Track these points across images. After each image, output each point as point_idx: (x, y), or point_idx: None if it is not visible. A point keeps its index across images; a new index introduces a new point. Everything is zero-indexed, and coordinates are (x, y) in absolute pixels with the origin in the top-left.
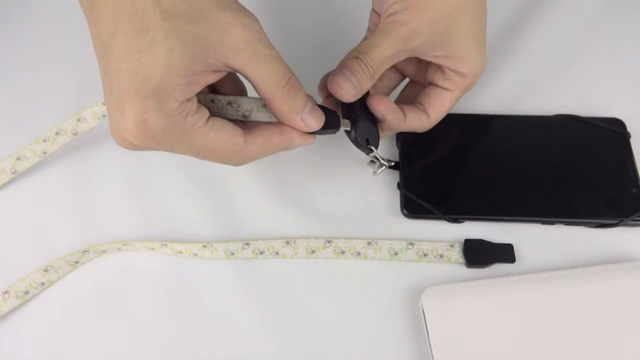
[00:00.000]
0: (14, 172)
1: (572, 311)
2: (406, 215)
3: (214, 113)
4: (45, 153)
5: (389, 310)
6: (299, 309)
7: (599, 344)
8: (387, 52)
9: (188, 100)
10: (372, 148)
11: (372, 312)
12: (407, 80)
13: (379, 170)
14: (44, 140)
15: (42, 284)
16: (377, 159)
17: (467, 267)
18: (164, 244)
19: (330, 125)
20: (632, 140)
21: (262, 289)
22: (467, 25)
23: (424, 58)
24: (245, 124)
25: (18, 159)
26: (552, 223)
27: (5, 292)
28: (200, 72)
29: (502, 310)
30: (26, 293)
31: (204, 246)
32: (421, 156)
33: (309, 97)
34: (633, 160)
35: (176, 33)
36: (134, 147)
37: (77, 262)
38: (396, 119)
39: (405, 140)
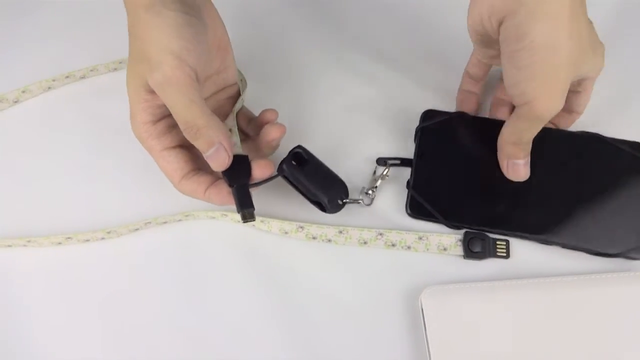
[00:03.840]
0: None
1: (568, 316)
2: (410, 215)
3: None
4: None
5: (387, 304)
6: (298, 301)
7: (593, 349)
8: (538, 129)
9: (152, 124)
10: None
11: (370, 305)
12: None
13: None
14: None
15: (102, 238)
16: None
17: (465, 258)
18: (224, 214)
19: (232, 179)
20: None
21: (265, 273)
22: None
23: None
24: (201, 168)
25: (91, 70)
26: (549, 244)
27: (68, 238)
28: (150, 98)
29: (500, 313)
30: (87, 240)
31: (262, 221)
32: (436, 157)
33: (212, 143)
34: None
35: (130, 71)
36: None
37: (137, 229)
38: None
39: (425, 138)
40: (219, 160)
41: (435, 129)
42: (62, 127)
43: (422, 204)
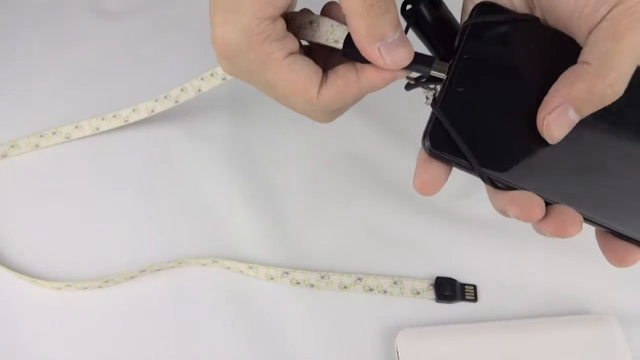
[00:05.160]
0: (172, 99)
1: (536, 358)
2: (429, 150)
3: (301, 36)
4: (200, 90)
5: (364, 346)
6: (283, 344)
7: None
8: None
9: (272, 21)
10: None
11: (349, 347)
12: None
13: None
14: (202, 79)
15: (100, 286)
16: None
17: (437, 302)
18: (215, 261)
19: (420, 62)
20: None
21: (252, 318)
22: None
23: None
24: (325, 71)
25: (182, 90)
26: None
27: (68, 285)
28: None
29: (471, 354)
30: (85, 288)
31: (250, 267)
32: (483, 71)
33: (399, 25)
34: None
35: None
36: (225, 67)
37: (132, 277)
38: None
39: (472, 40)
40: (404, 51)
41: (490, 31)
42: (64, 175)
43: (450, 135)
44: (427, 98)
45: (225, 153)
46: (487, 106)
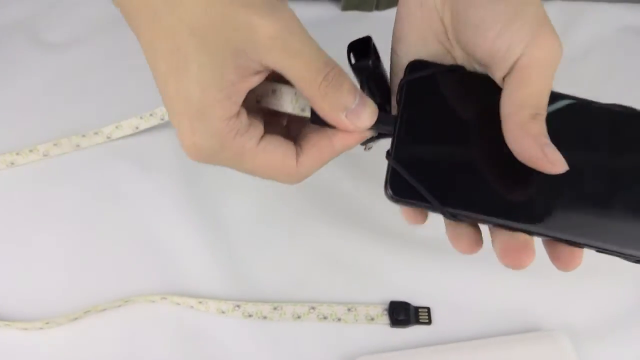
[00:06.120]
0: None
1: None
2: (391, 198)
3: (264, 103)
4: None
5: None
6: None
7: None
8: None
9: (236, 117)
10: None
11: None
12: None
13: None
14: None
15: (41, 328)
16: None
17: (391, 327)
18: (164, 297)
19: (384, 120)
20: None
21: (194, 353)
22: None
23: None
24: (297, 141)
25: (116, 127)
26: (581, 246)
27: (7, 324)
28: (237, 80)
29: None
30: (25, 329)
31: (200, 302)
32: (425, 120)
33: (356, 90)
34: None
35: (203, 46)
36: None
37: (76, 319)
38: None
39: (411, 95)
40: (369, 110)
41: (425, 84)
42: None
43: (407, 181)
44: (363, 145)
45: (171, 183)
46: (436, 150)
